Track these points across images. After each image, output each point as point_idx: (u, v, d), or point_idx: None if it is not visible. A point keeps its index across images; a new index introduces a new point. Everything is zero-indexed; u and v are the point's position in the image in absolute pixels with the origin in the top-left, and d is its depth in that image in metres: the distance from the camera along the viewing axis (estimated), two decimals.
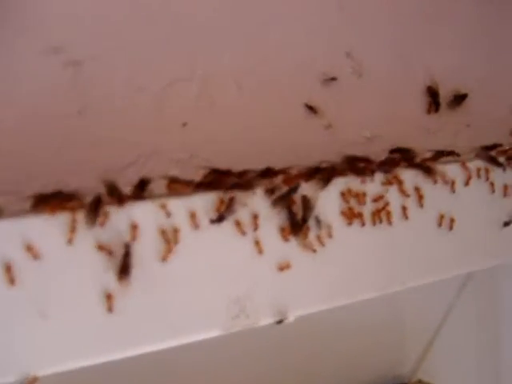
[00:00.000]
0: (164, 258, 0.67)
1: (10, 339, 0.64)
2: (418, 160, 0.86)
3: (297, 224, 0.71)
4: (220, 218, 0.68)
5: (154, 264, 0.68)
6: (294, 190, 0.74)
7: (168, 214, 0.68)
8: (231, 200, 0.68)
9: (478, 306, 1.06)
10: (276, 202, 0.73)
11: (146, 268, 0.68)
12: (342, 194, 0.76)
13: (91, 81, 0.73)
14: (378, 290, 0.80)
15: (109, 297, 0.66)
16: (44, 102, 0.71)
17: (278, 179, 0.74)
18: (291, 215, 0.71)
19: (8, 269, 0.63)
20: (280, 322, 0.73)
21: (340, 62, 0.84)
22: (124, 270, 0.64)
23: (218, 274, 0.71)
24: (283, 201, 0.74)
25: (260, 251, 0.71)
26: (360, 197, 0.77)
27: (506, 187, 0.89)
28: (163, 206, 0.67)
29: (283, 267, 0.73)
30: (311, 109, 0.80)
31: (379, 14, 0.87)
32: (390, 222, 0.80)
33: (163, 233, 0.67)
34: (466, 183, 0.85)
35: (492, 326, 1.10)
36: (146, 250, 0.68)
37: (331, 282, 0.77)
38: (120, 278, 0.64)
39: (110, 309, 0.66)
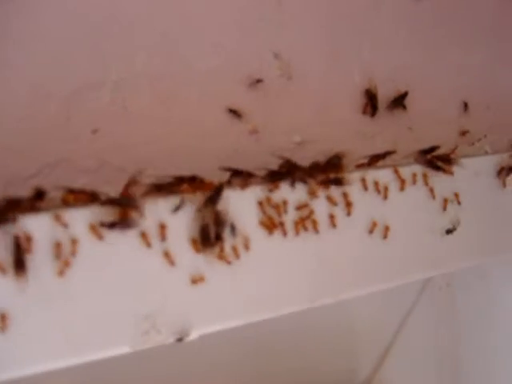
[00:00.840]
0: (61, 272, 0.63)
1: None
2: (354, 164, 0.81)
3: (207, 239, 0.67)
4: (112, 225, 0.64)
5: (51, 279, 0.64)
6: (218, 192, 0.69)
7: (65, 226, 0.64)
8: (130, 208, 0.64)
9: (435, 313, 1.01)
10: (204, 206, 0.69)
11: (42, 283, 0.65)
12: (260, 204, 0.71)
13: None
14: (306, 303, 0.75)
15: (3, 317, 0.63)
16: None
17: (192, 187, 0.70)
18: (203, 228, 0.67)
19: None
20: (180, 339, 0.69)
21: (267, 64, 0.81)
22: (19, 264, 0.60)
23: (125, 289, 0.68)
24: (210, 206, 0.70)
25: (171, 263, 0.67)
26: (280, 206, 0.72)
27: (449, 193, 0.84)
28: (58, 218, 0.63)
29: (196, 280, 0.69)
30: (235, 113, 0.76)
31: (311, 10, 0.83)
32: (316, 231, 0.75)
33: (58, 246, 0.63)
34: (401, 189, 0.80)
35: (450, 333, 1.06)
36: (42, 264, 0.64)
37: (250, 295, 0.73)
38: (17, 272, 0.60)
39: (2, 328, 0.62)
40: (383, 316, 1.05)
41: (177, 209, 0.68)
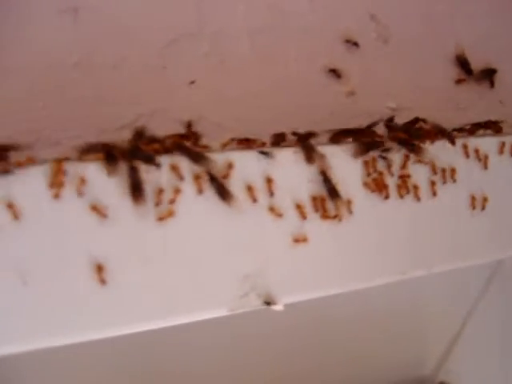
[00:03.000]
0: (162, 218, 0.59)
1: None
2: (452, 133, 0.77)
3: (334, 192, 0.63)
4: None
5: (153, 231, 0.60)
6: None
7: (181, 178, 0.59)
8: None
9: (506, 300, 0.96)
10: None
11: (144, 236, 0.60)
12: (366, 163, 0.67)
13: (90, 31, 0.65)
14: (397, 275, 0.71)
15: (99, 269, 0.58)
16: (38, 49, 0.63)
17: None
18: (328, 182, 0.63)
19: None
20: (268, 304, 0.64)
21: (364, 26, 0.77)
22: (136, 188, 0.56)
23: (226, 247, 0.63)
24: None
25: (278, 215, 0.62)
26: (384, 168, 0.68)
27: None
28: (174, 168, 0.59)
29: (299, 241, 0.64)
30: (334, 72, 0.72)
31: None
32: (417, 198, 0.71)
33: (160, 192, 0.59)
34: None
35: None
36: (147, 213, 0.60)
37: (349, 262, 0.68)
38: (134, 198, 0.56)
39: (102, 281, 0.58)
40: (451, 302, 1.00)
41: None
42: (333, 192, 0.63)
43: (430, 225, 0.73)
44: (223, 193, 0.61)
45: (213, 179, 0.60)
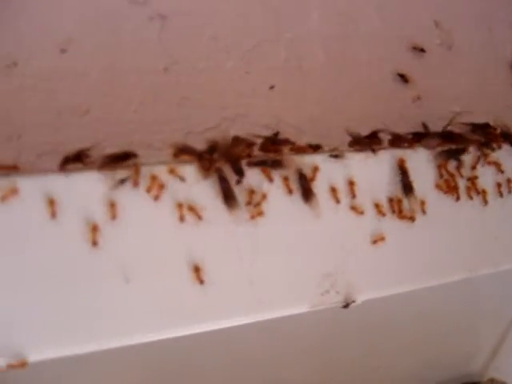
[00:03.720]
0: (253, 217, 0.62)
1: (91, 301, 0.58)
2: None
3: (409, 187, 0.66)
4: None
5: (244, 230, 0.63)
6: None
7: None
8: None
9: None
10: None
11: (234, 234, 0.63)
12: (439, 166, 0.70)
13: (177, 37, 0.68)
14: (465, 272, 0.74)
15: (197, 269, 0.61)
16: (128, 55, 0.66)
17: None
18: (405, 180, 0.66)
19: (94, 228, 0.58)
20: (346, 306, 0.67)
21: (429, 32, 0.79)
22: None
23: (309, 246, 0.66)
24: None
25: (360, 212, 0.65)
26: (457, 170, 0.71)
27: None
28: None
29: (377, 240, 0.67)
30: (402, 77, 0.75)
31: None
32: (485, 200, 0.74)
33: (251, 193, 0.61)
34: None
35: None
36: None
37: (423, 260, 0.71)
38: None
39: (200, 280, 0.61)
40: (502, 300, 1.02)
41: None
42: (408, 189, 0.66)
43: (496, 225, 0.75)
44: (308, 194, 0.64)
45: (301, 181, 0.63)
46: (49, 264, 0.57)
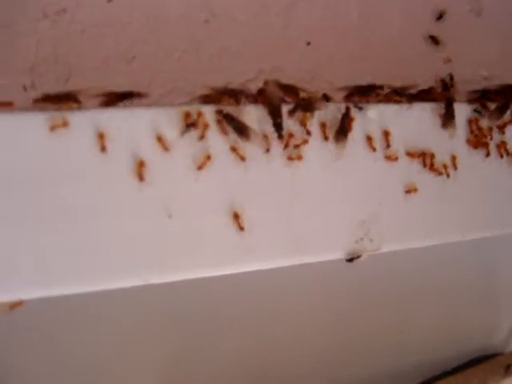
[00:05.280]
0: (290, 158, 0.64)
1: (135, 237, 0.60)
2: None
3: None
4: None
5: (283, 174, 0.65)
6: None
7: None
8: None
9: None
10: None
11: (275, 178, 0.65)
12: (469, 122, 0.72)
13: None
14: (499, 229, 0.75)
15: (236, 216, 0.63)
16: (171, 6, 0.68)
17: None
18: None
19: (140, 164, 0.60)
20: (351, 260, 0.69)
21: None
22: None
23: (345, 193, 0.67)
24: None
25: (394, 159, 0.67)
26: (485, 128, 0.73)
27: None
28: None
29: (410, 190, 0.69)
30: (434, 39, 0.77)
31: None
32: None
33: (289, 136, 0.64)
34: None
35: None
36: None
37: (457, 212, 0.72)
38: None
39: (240, 227, 0.62)
40: None
41: None
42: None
43: None
44: (342, 136, 0.66)
45: (339, 128, 0.65)
46: (95, 197, 0.59)
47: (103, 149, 0.58)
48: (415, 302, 0.90)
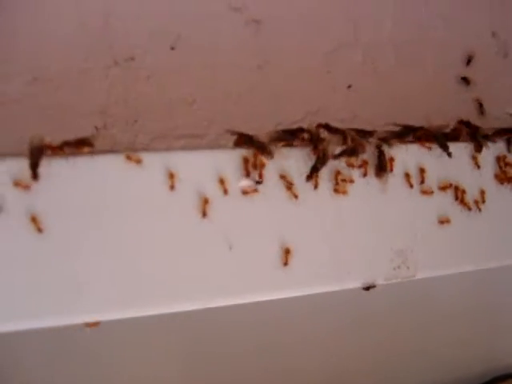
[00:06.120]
0: (337, 191, 0.71)
1: (197, 266, 0.67)
2: None
3: None
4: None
5: (327, 205, 0.72)
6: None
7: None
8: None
9: None
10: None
11: (322, 206, 0.72)
12: (498, 159, 0.79)
13: (268, 39, 0.78)
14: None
15: (287, 252, 0.70)
16: (228, 54, 0.75)
17: None
18: None
19: (205, 201, 0.67)
20: (368, 288, 0.76)
21: (486, 42, 0.88)
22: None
23: (385, 224, 0.74)
24: None
25: (427, 193, 0.74)
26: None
27: None
28: None
29: (443, 221, 0.76)
30: (465, 80, 0.84)
31: None
32: None
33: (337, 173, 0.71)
34: None
35: None
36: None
37: (484, 242, 0.79)
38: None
39: (285, 263, 0.69)
40: None
41: None
42: None
43: None
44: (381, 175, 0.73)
45: (379, 166, 0.72)
46: (163, 230, 0.66)
47: (172, 187, 0.65)
48: (443, 323, 0.97)
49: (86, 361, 0.80)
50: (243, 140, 0.69)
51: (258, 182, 0.68)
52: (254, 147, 0.68)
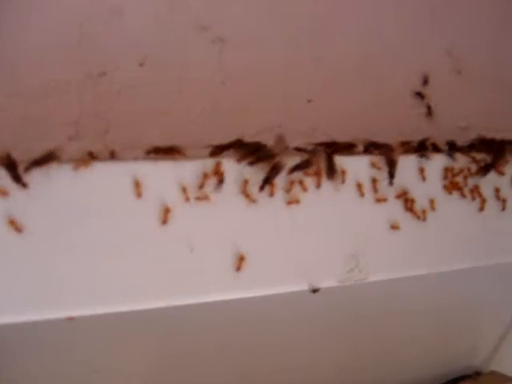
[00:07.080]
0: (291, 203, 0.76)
1: (159, 268, 0.73)
2: None
3: None
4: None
5: (282, 212, 0.78)
6: None
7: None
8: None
9: None
10: None
11: (277, 213, 0.78)
12: (446, 169, 0.85)
13: (232, 57, 0.83)
14: (473, 261, 0.88)
15: (241, 258, 0.76)
16: (193, 70, 0.81)
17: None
18: None
19: (166, 210, 0.73)
20: (315, 291, 0.82)
21: (441, 59, 0.94)
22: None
23: (339, 229, 0.80)
24: None
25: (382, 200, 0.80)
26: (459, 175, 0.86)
27: None
28: None
29: (394, 227, 0.82)
30: (419, 95, 0.90)
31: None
32: (482, 200, 0.88)
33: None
34: None
35: None
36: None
37: (434, 248, 0.85)
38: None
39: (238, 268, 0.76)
40: (504, 293, 1.12)
41: None
42: None
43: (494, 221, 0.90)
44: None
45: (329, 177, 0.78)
46: (131, 233, 0.72)
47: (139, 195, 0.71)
48: (399, 325, 1.02)
49: (59, 357, 0.85)
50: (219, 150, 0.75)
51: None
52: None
